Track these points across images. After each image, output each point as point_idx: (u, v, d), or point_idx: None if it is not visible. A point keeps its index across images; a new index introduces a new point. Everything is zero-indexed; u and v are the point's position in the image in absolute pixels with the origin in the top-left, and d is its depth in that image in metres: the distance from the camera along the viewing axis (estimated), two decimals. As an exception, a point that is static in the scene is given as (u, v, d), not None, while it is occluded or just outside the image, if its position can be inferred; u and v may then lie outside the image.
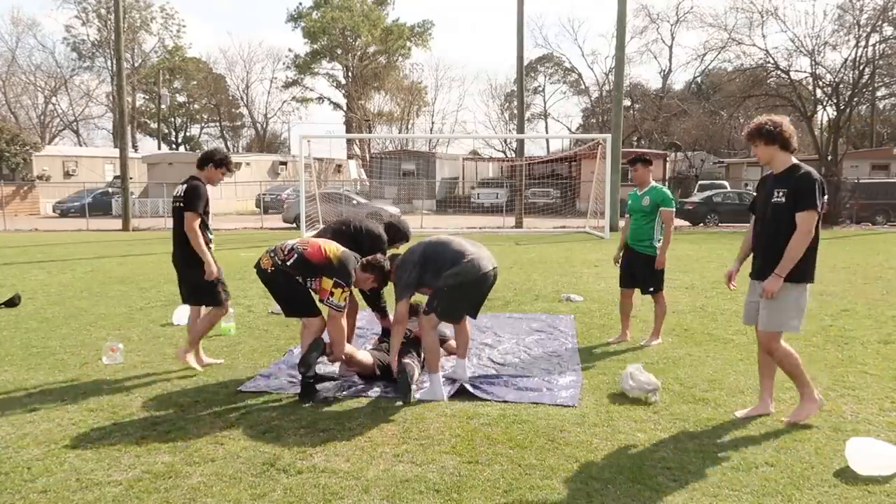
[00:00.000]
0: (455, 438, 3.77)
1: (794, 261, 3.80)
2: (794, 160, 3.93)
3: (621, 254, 6.12)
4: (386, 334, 5.39)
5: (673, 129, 44.10)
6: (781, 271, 3.83)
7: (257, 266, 4.55)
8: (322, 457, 3.54)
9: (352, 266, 4.47)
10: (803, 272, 3.86)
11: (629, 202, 5.95)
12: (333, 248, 4.50)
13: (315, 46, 53.11)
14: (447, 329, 5.16)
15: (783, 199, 3.84)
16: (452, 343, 5.18)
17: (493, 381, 4.78)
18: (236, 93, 58.73)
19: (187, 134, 61.14)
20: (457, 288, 4.44)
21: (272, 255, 4.47)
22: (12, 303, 7.91)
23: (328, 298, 4.37)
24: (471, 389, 4.56)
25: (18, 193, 32.21)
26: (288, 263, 4.39)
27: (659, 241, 5.73)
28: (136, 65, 52.22)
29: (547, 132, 57.33)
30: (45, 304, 8.10)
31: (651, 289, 5.83)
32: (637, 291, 6.00)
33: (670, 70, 48.68)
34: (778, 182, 3.91)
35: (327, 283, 4.35)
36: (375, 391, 4.60)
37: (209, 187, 5.14)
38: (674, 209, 5.74)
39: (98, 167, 37.21)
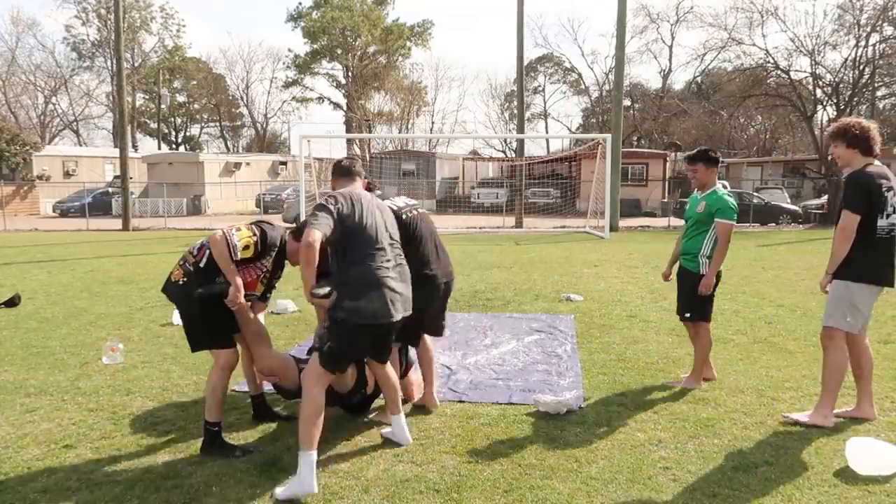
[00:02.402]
0: (455, 438, 3.77)
1: (836, 258, 3.85)
2: (867, 163, 3.88)
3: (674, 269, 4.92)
4: None
5: (673, 129, 44.12)
6: (829, 268, 3.93)
7: (167, 282, 3.72)
8: (322, 457, 3.54)
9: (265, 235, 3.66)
10: (850, 270, 3.84)
11: (687, 206, 4.92)
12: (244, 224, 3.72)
13: (315, 46, 53.07)
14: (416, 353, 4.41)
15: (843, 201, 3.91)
16: (418, 377, 4.39)
17: (493, 383, 4.78)
18: (236, 93, 58.73)
19: (187, 134, 61.10)
20: (349, 328, 3.30)
21: (182, 263, 3.68)
22: (12, 303, 7.91)
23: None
24: (469, 393, 4.56)
25: (18, 193, 32.18)
26: (201, 265, 3.59)
27: (706, 255, 4.58)
28: (136, 65, 52.18)
29: (547, 132, 57.35)
30: (45, 304, 8.10)
31: (687, 314, 4.69)
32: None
33: (670, 70, 48.70)
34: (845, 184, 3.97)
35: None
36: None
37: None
38: (732, 221, 4.56)
39: (98, 167, 37.19)
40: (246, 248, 3.56)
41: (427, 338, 4.25)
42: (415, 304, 3.58)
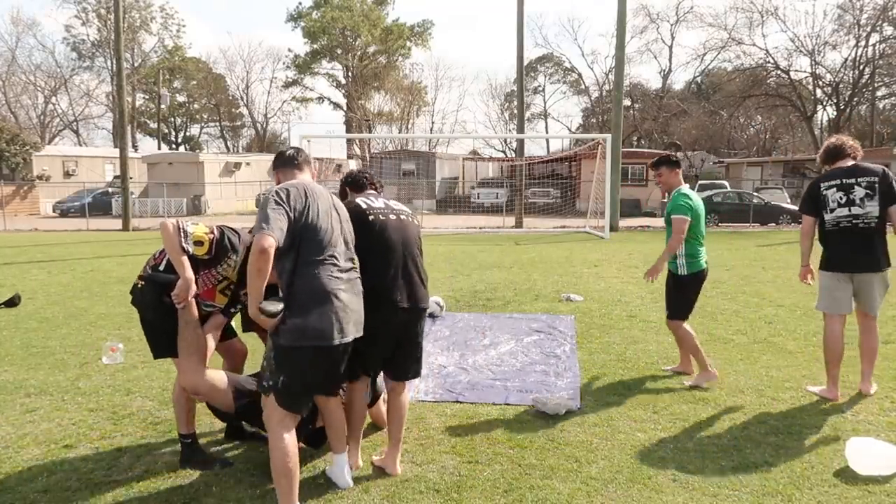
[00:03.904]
0: (455, 438, 3.77)
1: (801, 252, 4.52)
2: (835, 168, 4.42)
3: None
4: None
5: (673, 129, 44.13)
6: (802, 261, 4.57)
7: (132, 286, 3.46)
8: (322, 457, 3.54)
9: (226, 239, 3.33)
10: (821, 261, 4.44)
11: None
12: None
13: (315, 46, 53.15)
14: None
15: None
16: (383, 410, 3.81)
17: (490, 384, 4.78)
18: (236, 93, 58.82)
19: (187, 134, 61.16)
20: (296, 356, 2.83)
21: (144, 267, 3.42)
22: (12, 303, 7.91)
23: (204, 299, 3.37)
24: (466, 394, 4.56)
25: (18, 193, 32.18)
26: (160, 268, 3.33)
27: (684, 253, 4.72)
28: (136, 65, 52.19)
29: (547, 132, 57.40)
30: (45, 304, 8.10)
31: (667, 311, 4.87)
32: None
33: (670, 70, 48.77)
34: None
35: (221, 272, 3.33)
36: None
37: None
38: (684, 217, 4.61)
39: (98, 167, 37.19)
40: (199, 243, 3.20)
41: (405, 394, 3.46)
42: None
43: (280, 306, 2.80)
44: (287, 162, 3.16)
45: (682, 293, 4.82)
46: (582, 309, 7.50)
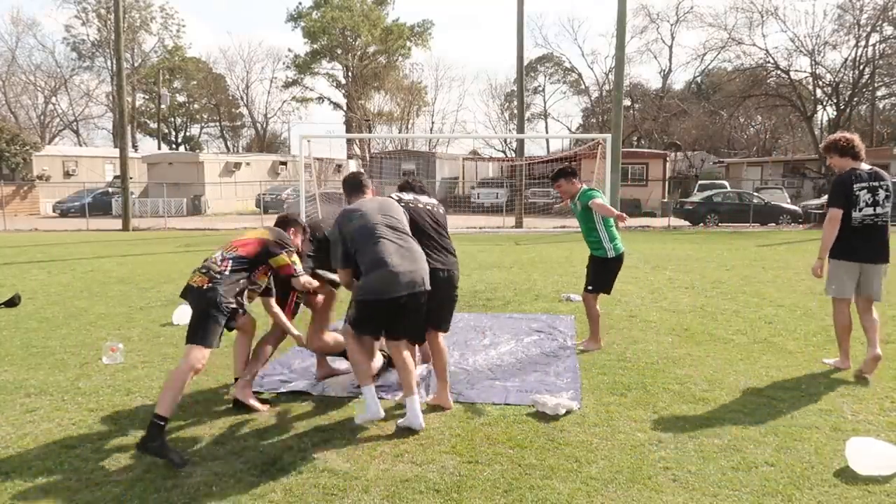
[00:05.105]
0: (455, 438, 3.77)
1: (823, 244, 4.86)
2: (851, 166, 4.85)
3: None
4: None
5: (673, 129, 44.15)
6: (820, 253, 4.91)
7: (188, 288, 3.91)
8: (322, 457, 3.54)
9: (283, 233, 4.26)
10: (831, 251, 4.87)
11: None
12: (258, 231, 4.24)
13: (315, 46, 53.11)
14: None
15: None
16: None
17: (490, 384, 4.78)
18: (236, 93, 58.81)
19: (187, 134, 61.16)
20: (361, 304, 4.01)
21: (205, 272, 3.90)
22: (12, 303, 7.91)
23: (295, 270, 4.13)
24: (466, 393, 4.56)
25: (18, 193, 32.20)
26: (227, 272, 3.89)
27: (607, 239, 5.59)
28: (136, 65, 52.19)
29: (547, 132, 57.40)
30: (45, 304, 8.10)
31: (589, 287, 5.69)
32: (600, 296, 5.85)
33: (670, 70, 48.74)
34: None
35: (284, 258, 4.08)
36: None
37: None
38: (598, 197, 5.51)
39: (98, 167, 37.19)
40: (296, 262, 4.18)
41: (442, 339, 4.39)
42: None
43: (333, 277, 4.38)
44: (354, 188, 4.34)
45: (609, 273, 5.66)
46: (582, 309, 7.47)
